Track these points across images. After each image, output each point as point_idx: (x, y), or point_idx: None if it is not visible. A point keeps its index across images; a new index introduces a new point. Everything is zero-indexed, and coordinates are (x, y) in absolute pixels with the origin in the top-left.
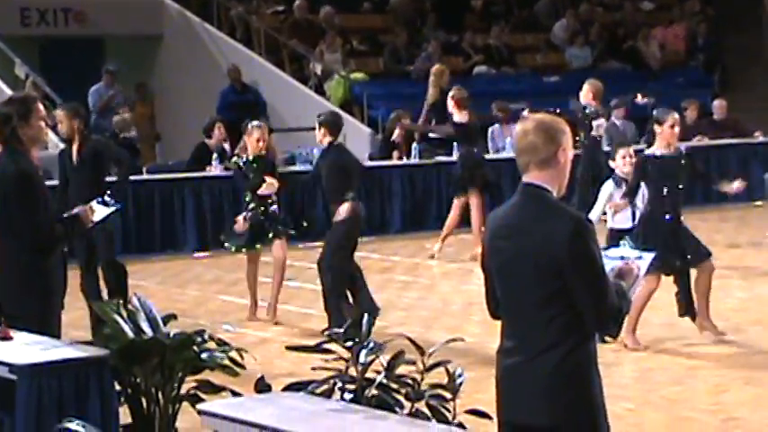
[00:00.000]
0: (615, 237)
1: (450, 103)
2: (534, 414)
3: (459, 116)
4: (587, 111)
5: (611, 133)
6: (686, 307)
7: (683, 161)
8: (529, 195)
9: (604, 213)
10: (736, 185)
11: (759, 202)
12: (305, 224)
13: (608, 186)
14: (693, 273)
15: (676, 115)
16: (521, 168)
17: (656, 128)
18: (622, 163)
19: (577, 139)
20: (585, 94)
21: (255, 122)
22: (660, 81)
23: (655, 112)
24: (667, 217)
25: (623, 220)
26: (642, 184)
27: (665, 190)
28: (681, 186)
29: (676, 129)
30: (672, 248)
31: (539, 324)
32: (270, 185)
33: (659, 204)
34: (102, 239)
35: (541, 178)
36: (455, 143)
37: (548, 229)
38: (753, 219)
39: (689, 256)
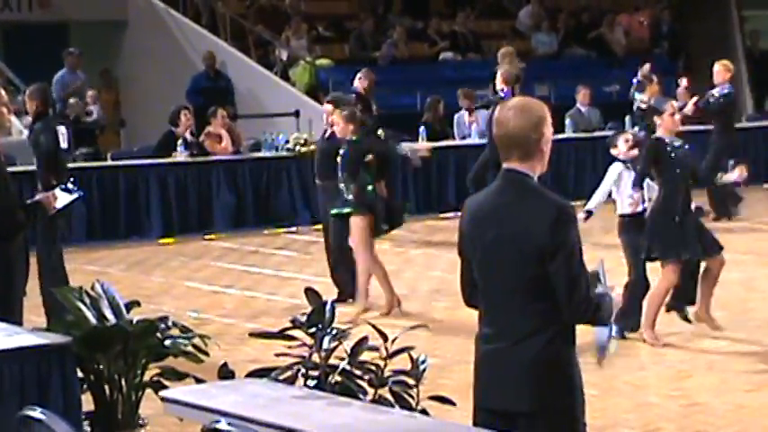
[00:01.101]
0: (627, 223)
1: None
2: (515, 400)
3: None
4: (498, 96)
5: (575, 120)
6: (678, 297)
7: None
8: (511, 182)
9: (609, 195)
10: (738, 173)
11: None
12: None
13: (615, 168)
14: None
15: (675, 103)
16: (502, 155)
17: (656, 119)
18: (626, 147)
19: None
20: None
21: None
22: (625, 68)
23: (653, 103)
24: (682, 206)
25: (634, 206)
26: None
27: (679, 178)
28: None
29: (677, 116)
30: (689, 238)
31: (520, 310)
32: None
33: (673, 192)
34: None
35: (524, 166)
36: None
37: (531, 216)
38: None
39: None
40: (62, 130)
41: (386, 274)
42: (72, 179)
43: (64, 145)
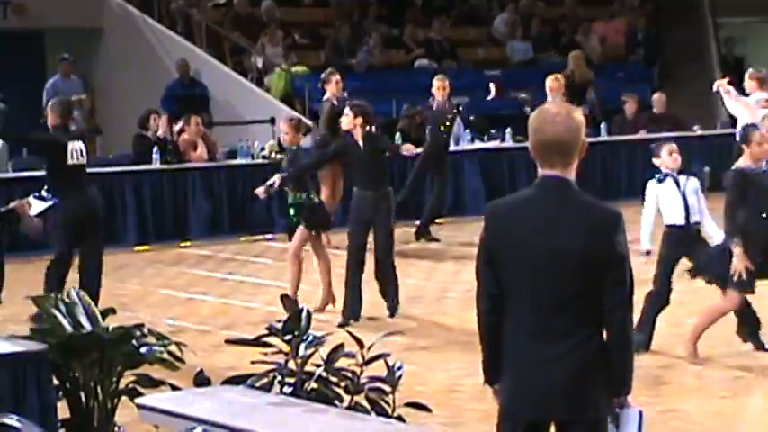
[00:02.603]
0: (671, 234)
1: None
2: (563, 409)
3: None
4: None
5: None
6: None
7: None
8: (556, 188)
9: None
10: None
11: None
12: None
13: (651, 190)
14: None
15: (765, 132)
16: (541, 159)
17: (744, 147)
18: (670, 160)
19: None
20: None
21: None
22: (600, 75)
23: (741, 129)
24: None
25: (676, 217)
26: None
27: (762, 207)
28: None
29: (765, 146)
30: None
31: (576, 319)
32: None
33: (756, 221)
34: None
35: (566, 172)
36: None
37: (590, 224)
38: None
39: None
40: (76, 145)
41: (329, 271)
42: (47, 187)
43: (73, 161)
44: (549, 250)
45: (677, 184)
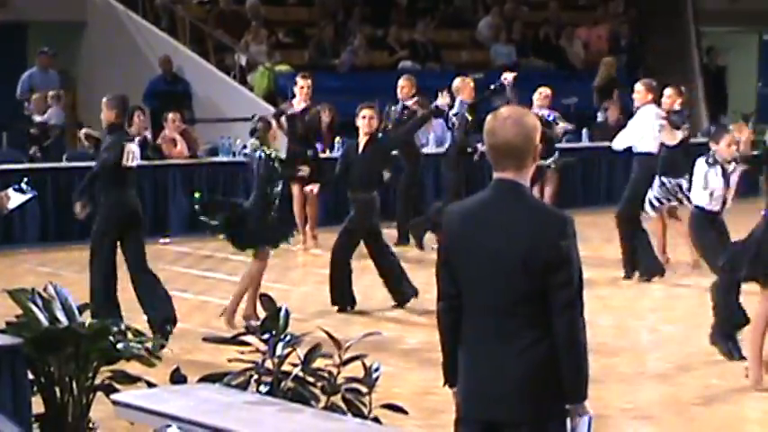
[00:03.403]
0: (704, 218)
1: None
2: (517, 410)
3: None
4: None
5: None
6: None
7: None
8: (507, 192)
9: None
10: None
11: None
12: None
13: (702, 167)
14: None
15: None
16: (495, 163)
17: None
18: (726, 151)
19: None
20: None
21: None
22: (583, 80)
23: None
24: None
25: (711, 203)
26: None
27: None
28: None
29: None
30: None
31: (521, 321)
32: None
33: None
34: None
35: (519, 176)
36: None
37: (535, 228)
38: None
39: None
40: (131, 147)
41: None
42: (26, 179)
43: (129, 163)
44: (495, 253)
45: (724, 173)
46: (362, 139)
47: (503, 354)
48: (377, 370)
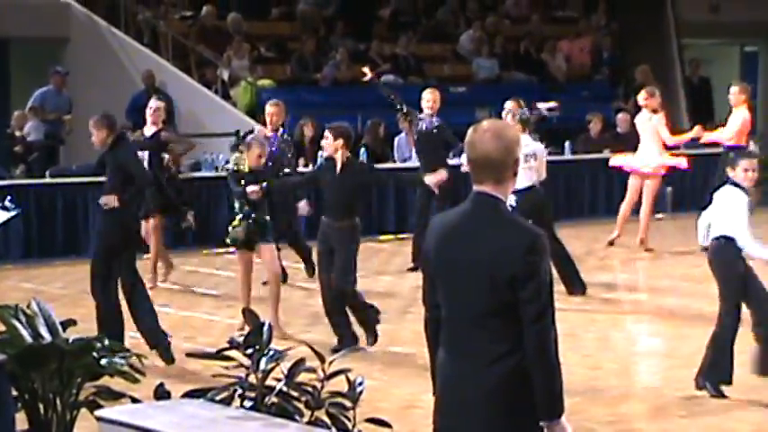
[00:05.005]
0: (731, 248)
1: None
2: (486, 424)
3: None
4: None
5: None
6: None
7: None
8: (483, 205)
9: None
10: None
11: (661, 215)
12: None
13: (739, 196)
14: None
15: None
16: (473, 177)
17: None
18: (743, 177)
19: None
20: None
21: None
22: (565, 93)
23: None
24: None
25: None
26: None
27: None
28: None
29: None
30: None
31: (491, 334)
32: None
33: None
34: None
35: (497, 190)
36: None
37: (505, 243)
38: (655, 232)
39: None
40: (144, 155)
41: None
42: (9, 196)
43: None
44: (467, 265)
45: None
46: (338, 163)
47: (472, 366)
48: (361, 384)
